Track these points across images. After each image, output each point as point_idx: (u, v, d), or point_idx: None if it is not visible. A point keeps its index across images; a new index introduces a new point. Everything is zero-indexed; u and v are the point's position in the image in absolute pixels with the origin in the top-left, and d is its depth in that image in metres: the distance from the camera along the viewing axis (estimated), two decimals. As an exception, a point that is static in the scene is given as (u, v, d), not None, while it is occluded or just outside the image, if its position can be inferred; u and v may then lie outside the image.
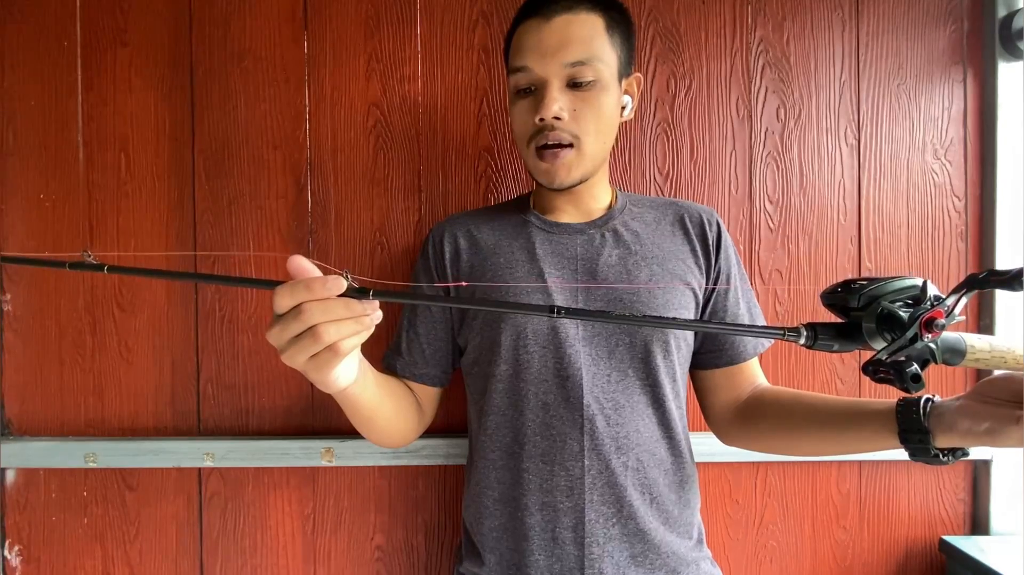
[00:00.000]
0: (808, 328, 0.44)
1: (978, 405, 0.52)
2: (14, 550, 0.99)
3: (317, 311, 0.45)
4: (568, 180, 0.72)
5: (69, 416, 0.99)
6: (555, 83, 0.68)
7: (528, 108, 0.71)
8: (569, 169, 0.71)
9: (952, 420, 0.53)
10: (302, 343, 0.46)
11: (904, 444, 0.56)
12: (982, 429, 0.50)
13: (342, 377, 0.53)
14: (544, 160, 0.71)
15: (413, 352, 0.80)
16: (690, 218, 0.79)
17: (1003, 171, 0.98)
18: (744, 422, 0.76)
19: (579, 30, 0.68)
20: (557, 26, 0.68)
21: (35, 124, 0.98)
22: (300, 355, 0.47)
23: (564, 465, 0.70)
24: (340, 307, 0.46)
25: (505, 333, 0.72)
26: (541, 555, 0.70)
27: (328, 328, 0.46)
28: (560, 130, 0.69)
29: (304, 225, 0.99)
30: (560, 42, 0.68)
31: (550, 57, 0.68)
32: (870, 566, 1.01)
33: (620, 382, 0.71)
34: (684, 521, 0.74)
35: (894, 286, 0.43)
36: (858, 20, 1.00)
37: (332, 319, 0.46)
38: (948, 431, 0.53)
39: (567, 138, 0.70)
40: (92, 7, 0.98)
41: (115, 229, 0.99)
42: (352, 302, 0.47)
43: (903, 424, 0.56)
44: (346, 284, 0.46)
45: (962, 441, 0.53)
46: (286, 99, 0.99)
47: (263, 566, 0.99)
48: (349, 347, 0.48)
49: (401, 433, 0.76)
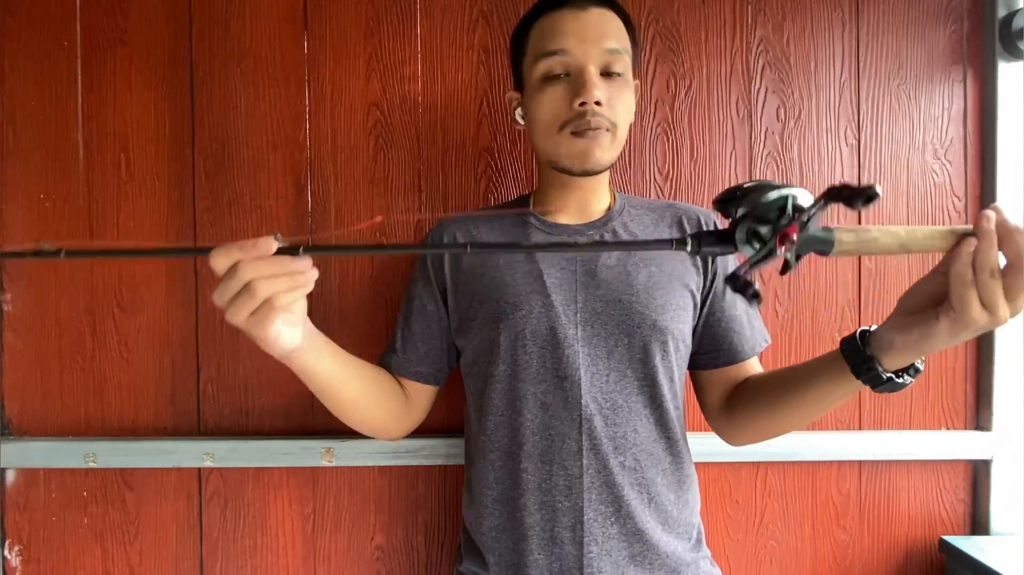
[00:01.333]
0: (692, 237, 0.49)
1: (903, 317, 0.54)
2: (14, 550, 1.00)
3: (250, 268, 0.49)
4: (601, 163, 0.72)
5: (69, 416, 0.99)
6: (593, 69, 0.69)
7: (563, 94, 0.70)
8: (603, 151, 0.71)
9: (888, 340, 0.55)
10: (240, 299, 0.50)
11: (858, 377, 0.58)
12: (913, 338, 0.53)
13: (283, 336, 0.54)
14: (581, 138, 0.70)
15: (408, 350, 0.80)
16: (688, 220, 0.79)
17: (1003, 171, 0.98)
18: (731, 413, 0.77)
19: (612, 24, 0.71)
20: (595, 16, 0.70)
21: (35, 124, 0.98)
22: (240, 311, 0.50)
23: (563, 465, 0.70)
24: (272, 264, 0.49)
25: (504, 333, 0.72)
26: (540, 554, 0.70)
27: (262, 283, 0.49)
28: (600, 115, 0.69)
29: (304, 225, 0.99)
30: (600, 31, 0.70)
31: (591, 43, 0.69)
32: (870, 566, 1.01)
33: (618, 382, 0.71)
34: (683, 521, 0.74)
35: (767, 198, 0.47)
36: (858, 20, 1.00)
37: (265, 275, 0.49)
38: (889, 350, 0.55)
39: (606, 123, 0.70)
40: (92, 7, 0.98)
41: (115, 229, 0.99)
42: (285, 259, 0.50)
43: (850, 359, 0.58)
44: (276, 244, 0.50)
45: (904, 356, 0.55)
46: (286, 99, 0.99)
47: (263, 566, 0.99)
48: (285, 302, 0.51)
49: (380, 422, 0.76)
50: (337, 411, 0.71)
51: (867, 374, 0.57)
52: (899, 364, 0.56)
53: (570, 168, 0.73)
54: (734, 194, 0.49)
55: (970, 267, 0.48)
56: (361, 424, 0.75)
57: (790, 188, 0.48)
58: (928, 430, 1.00)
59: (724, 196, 0.50)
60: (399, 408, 0.78)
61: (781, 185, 0.48)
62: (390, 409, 0.77)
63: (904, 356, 0.55)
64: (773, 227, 0.47)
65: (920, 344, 0.53)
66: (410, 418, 0.81)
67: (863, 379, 0.57)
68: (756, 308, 0.47)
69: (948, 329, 0.50)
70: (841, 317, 1.00)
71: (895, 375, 0.56)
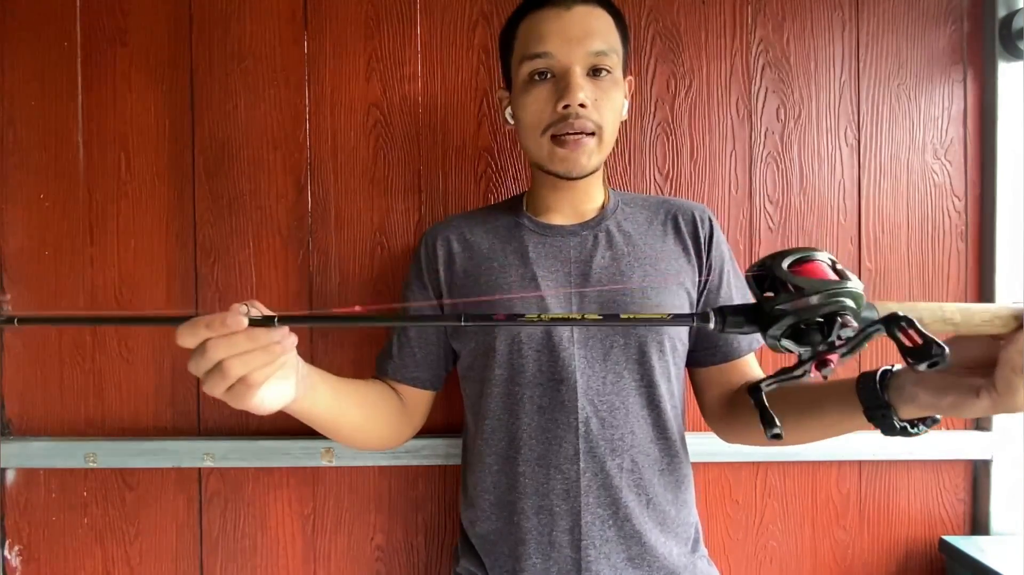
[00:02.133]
0: (717, 313, 0.44)
1: (937, 377, 0.50)
2: (14, 550, 0.99)
3: (221, 347, 0.45)
4: (587, 168, 0.71)
5: (69, 416, 0.99)
6: (578, 70, 0.68)
7: (546, 95, 0.69)
8: (589, 157, 0.70)
9: (912, 393, 0.51)
10: (213, 377, 0.46)
11: (871, 422, 0.55)
12: (945, 404, 0.49)
13: (268, 400, 0.51)
14: (565, 147, 0.69)
15: (404, 355, 0.79)
16: (683, 217, 0.78)
17: (1003, 171, 0.98)
18: (730, 417, 0.76)
19: (599, 23, 0.69)
20: (579, 15, 0.69)
21: (35, 124, 0.98)
22: (216, 388, 0.47)
23: (560, 468, 0.70)
24: (243, 340, 0.45)
25: (500, 338, 0.72)
26: (538, 559, 0.70)
27: (234, 363, 0.45)
28: (584, 118, 0.68)
29: (304, 225, 0.99)
30: (584, 31, 0.68)
31: (575, 44, 0.68)
32: (870, 566, 1.01)
33: (615, 384, 0.71)
34: (681, 521, 0.74)
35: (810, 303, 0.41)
36: (858, 20, 1.00)
37: (237, 353, 0.45)
38: (910, 403, 0.52)
39: (590, 126, 0.69)
40: (92, 7, 0.98)
41: (115, 229, 0.99)
42: (257, 332, 0.46)
43: (865, 401, 0.55)
44: (245, 319, 0.45)
45: (925, 412, 0.52)
46: (286, 99, 0.99)
47: (263, 566, 0.99)
48: (261, 378, 0.47)
49: (377, 437, 0.75)
50: (340, 439, 0.70)
51: (880, 420, 0.54)
52: (915, 415, 0.53)
53: (556, 172, 0.72)
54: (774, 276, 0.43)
55: None
56: (363, 444, 0.74)
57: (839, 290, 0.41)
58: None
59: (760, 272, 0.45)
60: (398, 419, 0.78)
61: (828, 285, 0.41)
62: (389, 422, 0.76)
63: (925, 412, 0.52)
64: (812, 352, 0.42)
65: (949, 411, 0.50)
66: (410, 425, 0.81)
67: (874, 423, 0.55)
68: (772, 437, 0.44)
69: (987, 408, 0.48)
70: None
71: (909, 425, 0.53)
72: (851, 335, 0.41)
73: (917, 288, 1.00)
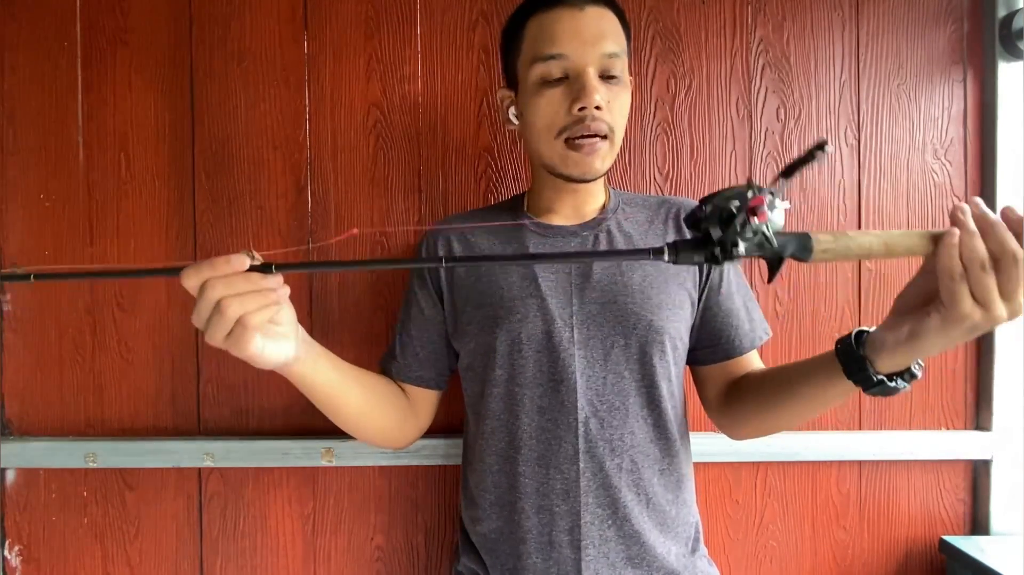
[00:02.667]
0: (670, 247, 0.49)
1: (896, 317, 0.54)
2: (14, 550, 0.99)
3: (220, 286, 0.48)
4: (600, 172, 0.71)
5: (69, 416, 0.99)
6: (592, 72, 0.68)
7: (560, 98, 0.68)
8: (603, 160, 0.70)
9: (880, 339, 0.54)
10: (214, 320, 0.49)
11: (850, 378, 0.57)
12: (904, 335, 0.52)
13: (268, 351, 0.54)
14: (580, 150, 0.69)
15: (407, 355, 0.80)
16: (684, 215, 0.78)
17: (1003, 171, 0.98)
18: (729, 408, 0.77)
19: (609, 25, 0.69)
20: (592, 17, 0.68)
21: (35, 124, 0.98)
22: (216, 333, 0.50)
23: (560, 468, 0.70)
24: (241, 281, 0.49)
25: (500, 338, 0.72)
26: (538, 558, 0.70)
27: (232, 302, 0.48)
28: (599, 120, 0.68)
29: (304, 225, 0.99)
30: (598, 33, 0.68)
31: (590, 46, 0.67)
32: (870, 566, 1.01)
33: (616, 385, 0.71)
34: (680, 521, 0.74)
35: (730, 191, 0.48)
36: (858, 20, 1.00)
37: (235, 293, 0.49)
38: (880, 351, 0.54)
39: (605, 129, 0.69)
40: (92, 7, 0.98)
41: (115, 229, 0.99)
42: (254, 276, 0.49)
43: (843, 360, 0.57)
44: (248, 261, 0.49)
45: (896, 357, 0.53)
46: (286, 99, 0.99)
47: (263, 566, 0.99)
48: (257, 320, 0.50)
49: (384, 430, 0.76)
50: (341, 421, 0.71)
51: (858, 374, 0.56)
52: (893, 367, 0.54)
53: (568, 176, 0.72)
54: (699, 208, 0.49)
55: (957, 259, 0.47)
56: (367, 433, 0.75)
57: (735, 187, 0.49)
58: (928, 430, 1.00)
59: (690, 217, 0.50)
60: (403, 415, 0.78)
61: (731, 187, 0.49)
62: (394, 416, 0.77)
63: (897, 357, 0.53)
64: (740, 207, 0.47)
65: (912, 343, 0.51)
66: (416, 424, 0.81)
67: (854, 380, 0.57)
68: None
69: (939, 326, 0.49)
70: (841, 317, 1.00)
71: (887, 378, 0.55)
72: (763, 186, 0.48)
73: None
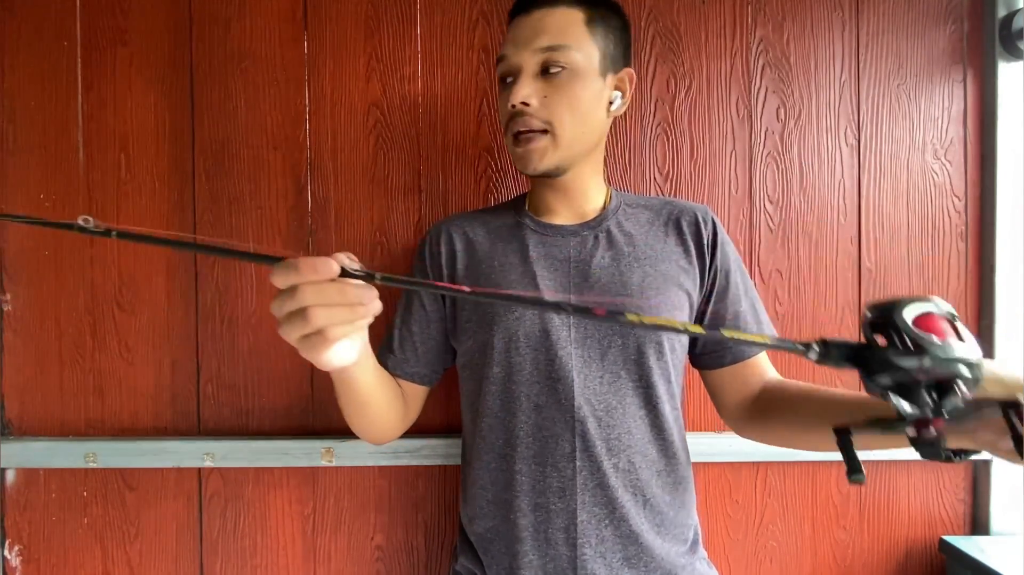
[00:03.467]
0: (820, 344, 0.42)
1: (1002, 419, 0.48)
2: (14, 550, 0.99)
3: (310, 293, 0.45)
4: (542, 166, 0.72)
5: (69, 416, 0.99)
6: (527, 70, 0.71)
7: (506, 97, 0.72)
8: (542, 155, 0.72)
9: (973, 428, 0.51)
10: (294, 321, 0.46)
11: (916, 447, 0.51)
12: (1007, 448, 0.49)
13: (336, 358, 0.51)
14: (519, 145, 0.72)
15: (405, 350, 0.80)
16: (685, 218, 0.78)
17: (1003, 171, 0.98)
18: (757, 418, 0.76)
19: (554, 21, 0.71)
20: (534, 18, 0.71)
21: (35, 124, 0.98)
22: (292, 333, 0.47)
23: (556, 466, 0.70)
24: (334, 291, 0.45)
25: (497, 336, 0.72)
26: (535, 556, 0.70)
27: (319, 312, 0.45)
28: (531, 116, 0.70)
29: (304, 225, 0.99)
30: (534, 31, 0.71)
31: (523, 45, 0.71)
32: (870, 566, 1.01)
33: (612, 384, 0.71)
34: (679, 523, 0.74)
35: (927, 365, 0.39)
36: (858, 20, 1.00)
37: (324, 303, 0.45)
38: (963, 436, 0.51)
39: (538, 124, 0.71)
40: (92, 7, 0.98)
41: (115, 229, 0.99)
42: (347, 289, 0.46)
43: None
44: (337, 267, 0.45)
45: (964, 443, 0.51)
46: (286, 99, 0.99)
47: (263, 566, 0.99)
48: (339, 334, 0.47)
49: (389, 426, 0.76)
50: (357, 419, 0.70)
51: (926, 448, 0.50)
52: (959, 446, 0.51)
53: (520, 170, 0.75)
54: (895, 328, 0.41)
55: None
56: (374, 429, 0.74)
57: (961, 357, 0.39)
58: (928, 430, 1.00)
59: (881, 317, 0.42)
60: (402, 411, 0.79)
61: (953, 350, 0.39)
62: (397, 413, 0.77)
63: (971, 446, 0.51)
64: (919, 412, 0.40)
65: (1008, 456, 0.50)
66: (407, 419, 0.81)
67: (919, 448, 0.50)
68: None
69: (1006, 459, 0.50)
70: (841, 318, 1.00)
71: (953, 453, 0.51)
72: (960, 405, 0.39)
73: (917, 288, 1.00)
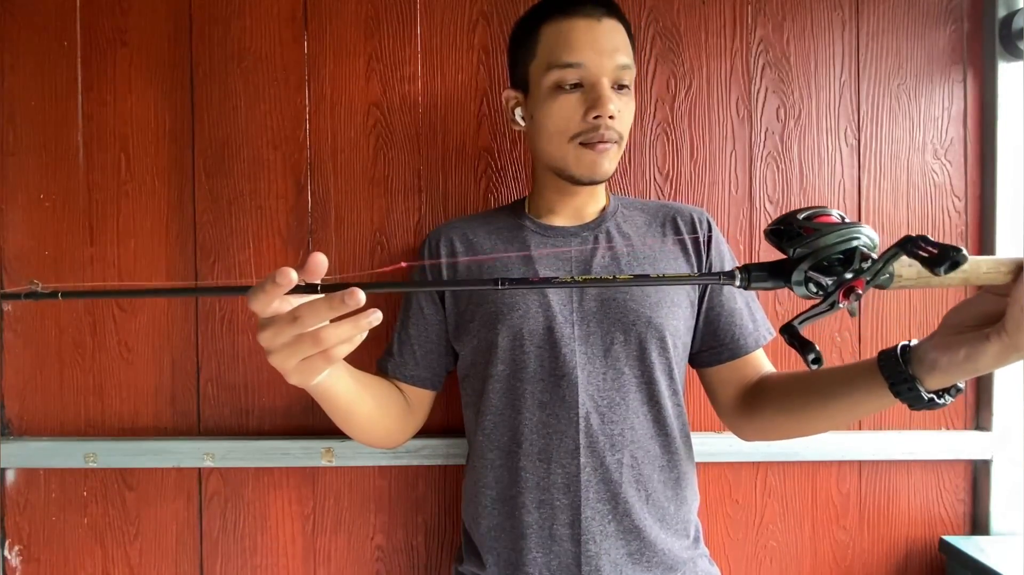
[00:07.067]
0: (742, 270, 0.46)
1: (950, 337, 0.53)
2: (14, 550, 0.99)
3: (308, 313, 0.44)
4: (608, 173, 0.74)
5: (69, 416, 0.99)
6: (607, 82, 0.70)
7: (574, 104, 0.71)
8: (612, 162, 0.73)
9: (932, 359, 0.53)
10: (300, 347, 0.45)
11: (897, 397, 0.56)
12: (959, 358, 0.51)
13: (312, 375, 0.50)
14: (590, 152, 0.71)
15: (404, 353, 0.80)
16: (681, 219, 0.80)
17: (1003, 171, 0.98)
18: (750, 412, 0.76)
19: (623, 37, 0.72)
20: (608, 28, 0.71)
21: (35, 124, 0.98)
22: (290, 359, 0.46)
23: (560, 463, 0.71)
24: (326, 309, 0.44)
25: (502, 334, 0.72)
26: (539, 553, 0.71)
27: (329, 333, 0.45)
28: (612, 128, 0.71)
29: (304, 225, 0.99)
30: (614, 45, 0.71)
31: (606, 57, 0.70)
32: (870, 566, 1.01)
33: (615, 380, 0.72)
34: (680, 519, 0.74)
35: (829, 242, 0.43)
36: (858, 20, 1.00)
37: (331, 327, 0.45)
38: (932, 371, 0.53)
39: (615, 136, 0.72)
40: (92, 7, 0.98)
41: (115, 229, 0.99)
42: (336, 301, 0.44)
43: (889, 377, 0.56)
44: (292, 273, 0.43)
45: (947, 377, 0.53)
46: (286, 99, 0.99)
47: (263, 566, 0.99)
48: (342, 353, 0.46)
49: (386, 433, 0.75)
50: (350, 428, 0.70)
51: (907, 394, 0.55)
52: (940, 384, 0.54)
53: (578, 178, 0.74)
54: (790, 227, 0.44)
55: None
56: (371, 437, 0.74)
57: (854, 229, 0.43)
58: (928, 430, 1.00)
59: (778, 227, 0.46)
60: (403, 416, 0.78)
61: (844, 225, 0.43)
62: (396, 417, 0.77)
63: (947, 377, 0.53)
64: (838, 280, 0.42)
65: (965, 365, 0.51)
66: (413, 423, 0.81)
67: (902, 398, 0.55)
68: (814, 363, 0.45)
69: (998, 351, 0.49)
70: (840, 316, 1.00)
71: (936, 395, 0.54)
72: (873, 261, 0.42)
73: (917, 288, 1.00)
